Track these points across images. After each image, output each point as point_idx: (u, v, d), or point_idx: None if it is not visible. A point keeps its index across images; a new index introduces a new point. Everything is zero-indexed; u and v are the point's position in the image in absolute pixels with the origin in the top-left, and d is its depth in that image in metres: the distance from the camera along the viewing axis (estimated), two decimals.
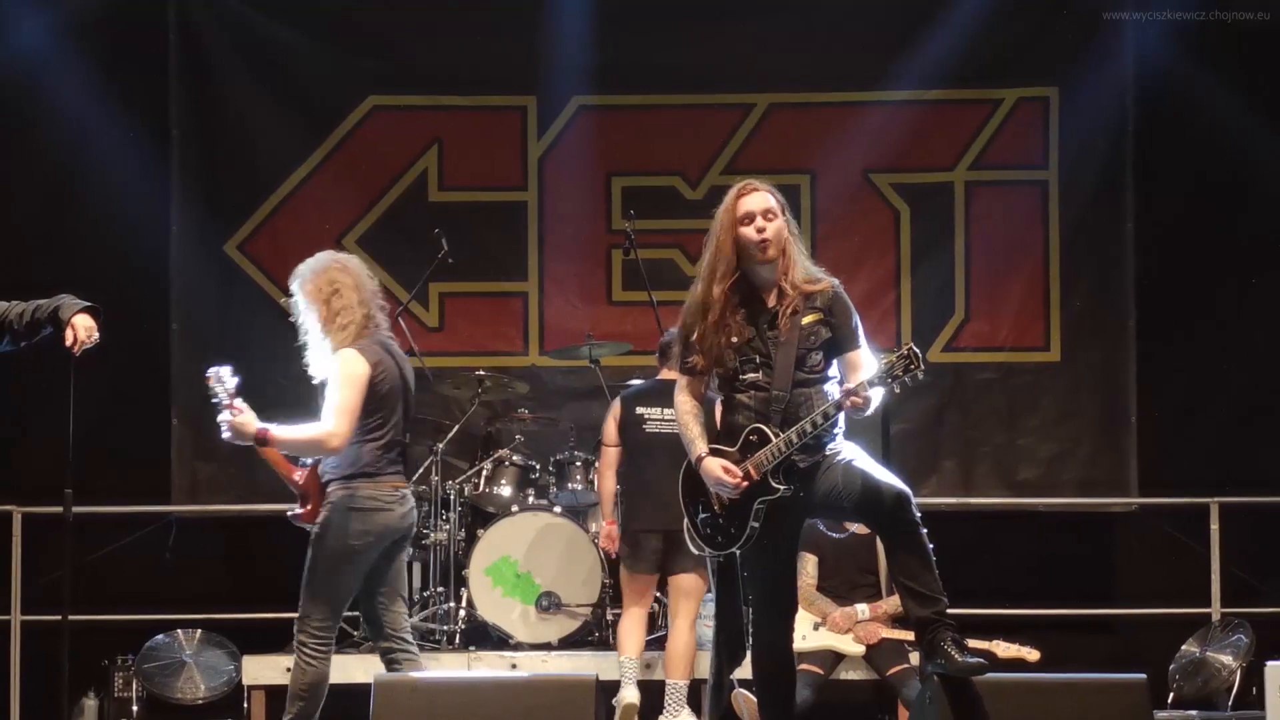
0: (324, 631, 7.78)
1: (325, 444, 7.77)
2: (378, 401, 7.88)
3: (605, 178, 12.17)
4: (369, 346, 7.95)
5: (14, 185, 11.74)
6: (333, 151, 12.19)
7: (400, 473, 7.89)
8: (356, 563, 7.77)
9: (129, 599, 11.18)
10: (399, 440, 7.91)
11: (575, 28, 11.87)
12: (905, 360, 6.88)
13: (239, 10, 12.11)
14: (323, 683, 7.80)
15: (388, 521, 7.78)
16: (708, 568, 9.07)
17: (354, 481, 7.80)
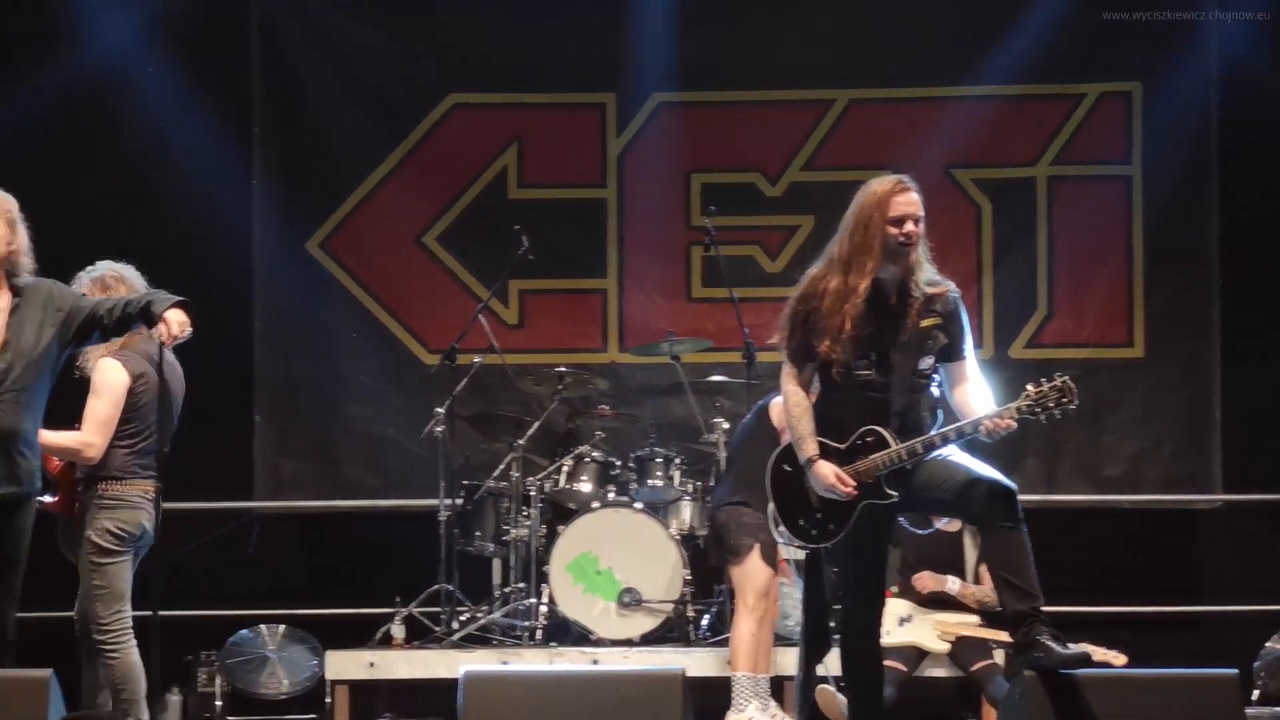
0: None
1: (79, 454, 8.08)
2: (136, 411, 8.20)
3: (685, 174, 12.15)
4: (131, 356, 8.18)
5: (100, 184, 11.80)
6: (413, 149, 12.21)
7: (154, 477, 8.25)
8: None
9: (212, 595, 11.26)
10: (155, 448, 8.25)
11: (655, 24, 11.87)
12: (1058, 393, 6.86)
13: (320, 10, 12.16)
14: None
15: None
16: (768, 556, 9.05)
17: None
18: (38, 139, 11.52)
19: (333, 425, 12.10)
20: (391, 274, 12.20)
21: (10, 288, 7.66)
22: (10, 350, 7.56)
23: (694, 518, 10.47)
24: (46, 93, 11.54)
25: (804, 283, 7.21)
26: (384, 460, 12.01)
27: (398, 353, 12.13)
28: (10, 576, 7.61)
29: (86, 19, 11.67)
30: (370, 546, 11.72)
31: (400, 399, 12.02)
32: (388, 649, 10.31)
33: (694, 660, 9.46)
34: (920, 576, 9.78)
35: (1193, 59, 11.95)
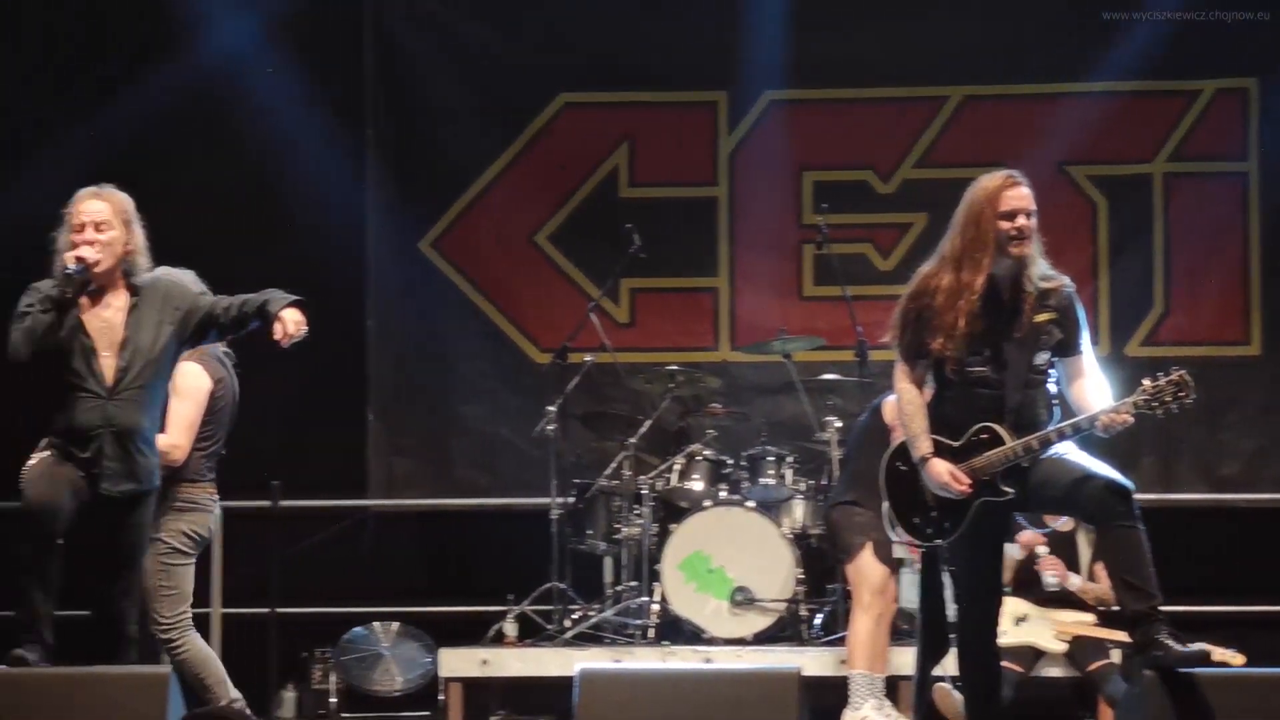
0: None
1: (165, 456, 8.02)
2: (214, 414, 8.26)
3: (796, 172, 12.12)
4: (209, 360, 8.23)
5: (216, 184, 11.89)
6: (525, 149, 12.24)
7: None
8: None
9: (326, 592, 11.31)
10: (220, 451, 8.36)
11: (768, 22, 11.83)
12: (1175, 387, 6.81)
13: (433, 9, 12.21)
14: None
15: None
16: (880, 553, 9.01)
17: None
18: (156, 139, 11.62)
19: (445, 424, 12.15)
20: (503, 273, 12.23)
21: (128, 287, 7.74)
22: (129, 348, 7.64)
23: (806, 517, 10.43)
24: (165, 94, 11.64)
25: (916, 280, 7.19)
26: (496, 459, 12.05)
27: (509, 352, 12.16)
28: (130, 573, 7.68)
29: (205, 21, 11.77)
30: (483, 545, 11.76)
31: (512, 398, 12.05)
32: (500, 647, 10.34)
33: (807, 659, 9.41)
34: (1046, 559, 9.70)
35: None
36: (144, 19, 11.81)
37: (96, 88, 11.79)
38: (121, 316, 7.69)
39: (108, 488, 7.57)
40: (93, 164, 10.46)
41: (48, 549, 7.45)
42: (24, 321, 7.53)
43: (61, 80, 11.93)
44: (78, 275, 7.53)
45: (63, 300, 7.51)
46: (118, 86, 11.72)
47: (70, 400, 7.58)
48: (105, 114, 11.62)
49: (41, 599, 7.43)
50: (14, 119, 11.86)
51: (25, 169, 11.41)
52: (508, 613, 10.52)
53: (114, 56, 11.88)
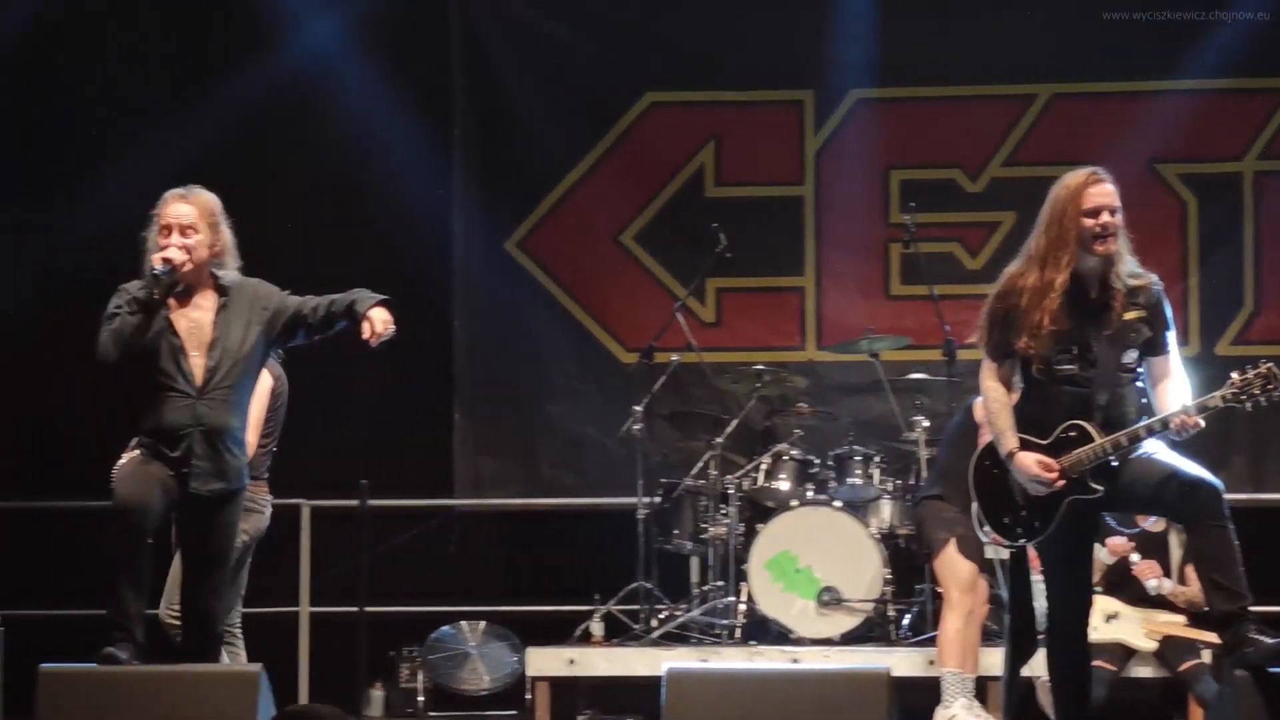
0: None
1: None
2: (273, 413, 8.30)
3: (883, 171, 12.09)
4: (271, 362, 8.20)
5: (303, 184, 11.96)
6: (611, 148, 12.26)
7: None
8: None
9: (413, 591, 11.33)
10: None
11: (854, 20, 11.80)
12: (1264, 380, 6.77)
13: (520, 9, 12.24)
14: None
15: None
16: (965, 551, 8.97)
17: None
18: (245, 139, 11.69)
19: (531, 423, 12.17)
20: (589, 273, 12.25)
21: (216, 287, 7.77)
22: (218, 349, 7.67)
23: (894, 516, 10.39)
24: (253, 94, 11.70)
25: (1002, 280, 7.18)
26: (582, 459, 12.06)
27: (595, 351, 12.18)
28: (218, 571, 7.71)
29: (293, 21, 11.83)
30: (568, 544, 11.77)
31: (598, 397, 12.06)
32: (587, 646, 10.35)
33: (895, 660, 9.38)
34: (1139, 566, 9.64)
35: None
36: (232, 19, 11.89)
37: (185, 88, 11.87)
38: (210, 317, 7.72)
39: (197, 487, 7.61)
40: (181, 164, 10.52)
41: (138, 548, 7.48)
42: (112, 323, 7.58)
43: (151, 80, 12.01)
44: (164, 278, 7.57)
45: (150, 302, 7.55)
46: (206, 86, 11.80)
47: (160, 400, 7.62)
48: (194, 114, 11.69)
49: (132, 598, 7.47)
50: (104, 120, 11.95)
51: (115, 169, 11.49)
52: (594, 612, 10.53)
53: (202, 57, 11.95)
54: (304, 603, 11.42)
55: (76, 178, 11.82)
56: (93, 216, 11.10)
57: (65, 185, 11.87)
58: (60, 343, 10.46)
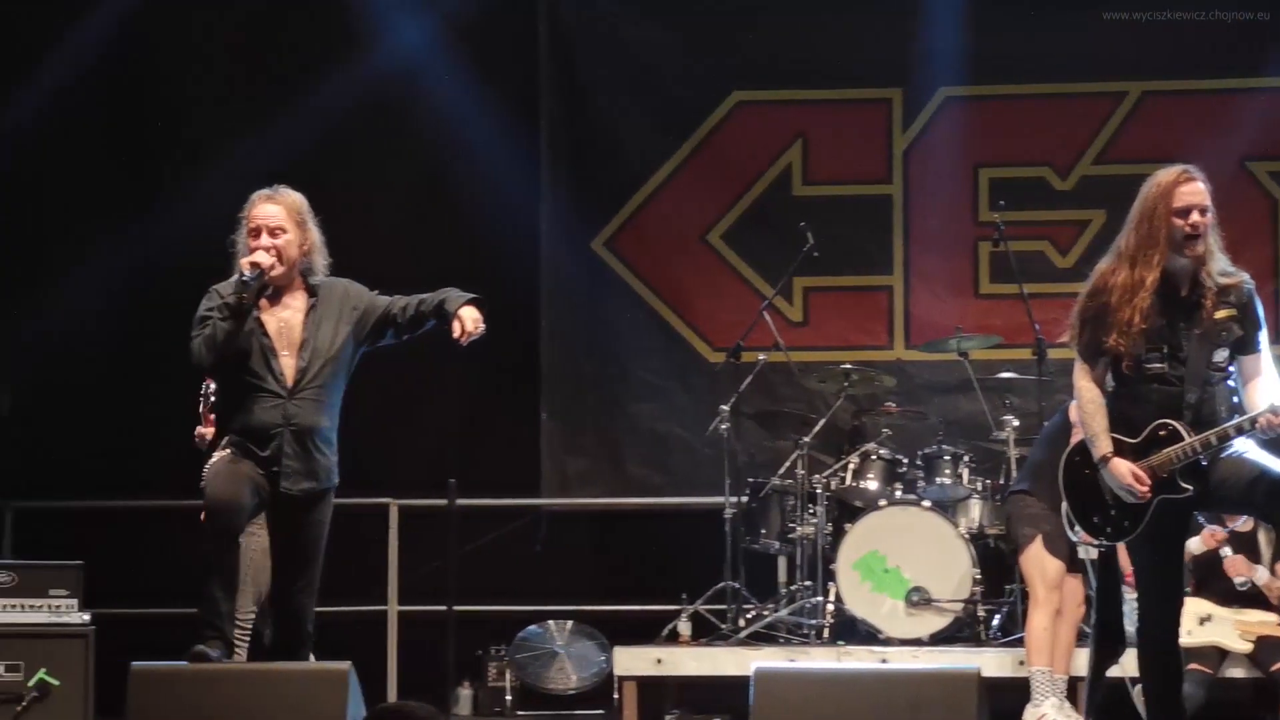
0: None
1: None
2: None
3: (972, 169, 12.02)
4: None
5: (392, 184, 12.01)
6: (697, 148, 12.24)
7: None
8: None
9: (500, 590, 11.35)
10: None
11: (943, 18, 11.74)
12: None
13: (607, 10, 12.24)
14: None
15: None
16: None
17: None
18: (334, 140, 11.73)
19: (618, 423, 12.17)
20: (676, 272, 12.24)
21: (306, 287, 7.81)
22: (308, 349, 7.71)
23: (984, 516, 10.34)
24: (343, 95, 11.75)
25: (1093, 278, 7.15)
26: (669, 458, 12.05)
27: (682, 351, 12.16)
28: (309, 570, 7.75)
29: (383, 23, 11.87)
30: (656, 544, 11.76)
31: (685, 397, 12.05)
32: (675, 645, 10.34)
33: (985, 660, 9.28)
34: (1230, 560, 9.57)
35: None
36: (322, 20, 11.92)
37: (276, 89, 11.93)
38: (300, 317, 7.76)
39: (287, 486, 7.65)
40: (272, 165, 10.57)
41: (229, 546, 7.53)
42: (204, 329, 7.62)
43: (242, 82, 12.09)
44: (253, 283, 7.61)
45: (240, 307, 7.58)
46: (297, 88, 11.85)
47: (250, 400, 7.67)
48: (284, 115, 11.74)
49: (223, 596, 7.52)
50: (194, 121, 12.04)
51: (207, 171, 11.56)
52: (681, 612, 10.52)
53: (293, 58, 12.01)
54: (392, 602, 11.46)
55: (169, 180, 11.91)
56: (185, 218, 11.16)
57: (157, 187, 11.95)
58: (152, 343, 10.56)
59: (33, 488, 11.70)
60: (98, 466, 11.56)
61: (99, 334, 11.60)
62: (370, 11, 11.85)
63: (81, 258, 11.77)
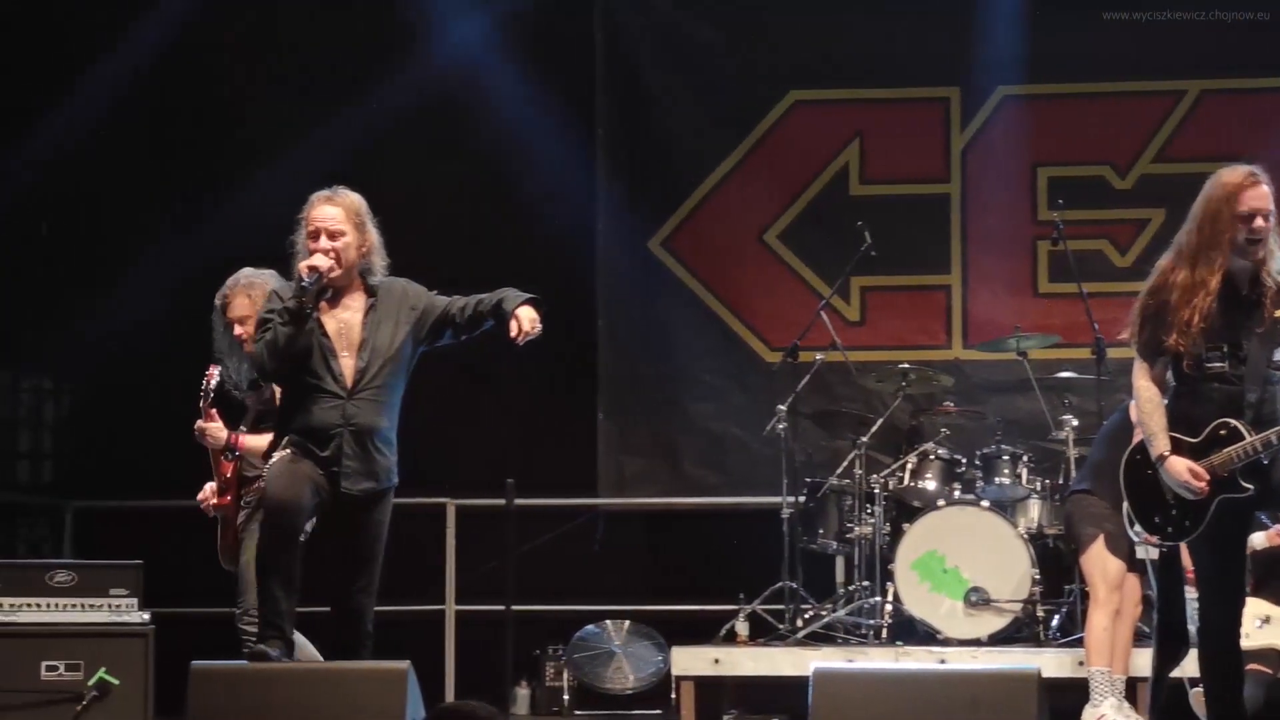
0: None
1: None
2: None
3: (1030, 168, 11.98)
4: None
5: (448, 184, 12.02)
6: (754, 147, 12.24)
7: None
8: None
9: (558, 590, 11.35)
10: None
11: (1000, 16, 11.73)
12: None
13: (663, 10, 12.25)
14: None
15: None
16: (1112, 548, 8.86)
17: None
18: (390, 139, 11.78)
19: (675, 423, 12.17)
20: (733, 272, 12.23)
21: (365, 288, 7.82)
22: (368, 349, 7.73)
23: (1043, 516, 10.30)
24: (400, 95, 11.78)
25: (1153, 276, 7.13)
26: (726, 458, 12.05)
27: (739, 350, 12.16)
28: (369, 569, 7.76)
29: (439, 22, 11.89)
30: (713, 544, 11.75)
31: (742, 397, 12.05)
32: (732, 645, 10.33)
33: (1044, 660, 9.26)
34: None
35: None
36: (379, 20, 11.95)
37: (333, 88, 11.96)
38: (359, 318, 7.78)
39: (347, 487, 7.66)
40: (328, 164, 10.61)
41: (288, 546, 7.55)
42: (266, 334, 7.64)
43: (299, 81, 12.12)
44: (311, 287, 7.62)
45: (300, 312, 7.60)
46: (354, 87, 11.88)
47: (310, 400, 7.69)
48: (341, 115, 11.78)
49: (282, 595, 7.54)
50: (253, 121, 12.08)
51: (266, 171, 11.60)
52: (739, 612, 10.51)
53: (348, 57, 12.04)
54: (450, 601, 11.48)
55: (228, 180, 11.95)
56: (244, 218, 11.20)
57: (216, 188, 12.00)
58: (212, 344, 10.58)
59: (93, 487, 11.78)
60: (157, 466, 11.58)
61: (158, 334, 11.63)
62: (427, 11, 11.88)
63: (141, 258, 11.82)
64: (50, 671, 9.23)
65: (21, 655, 9.42)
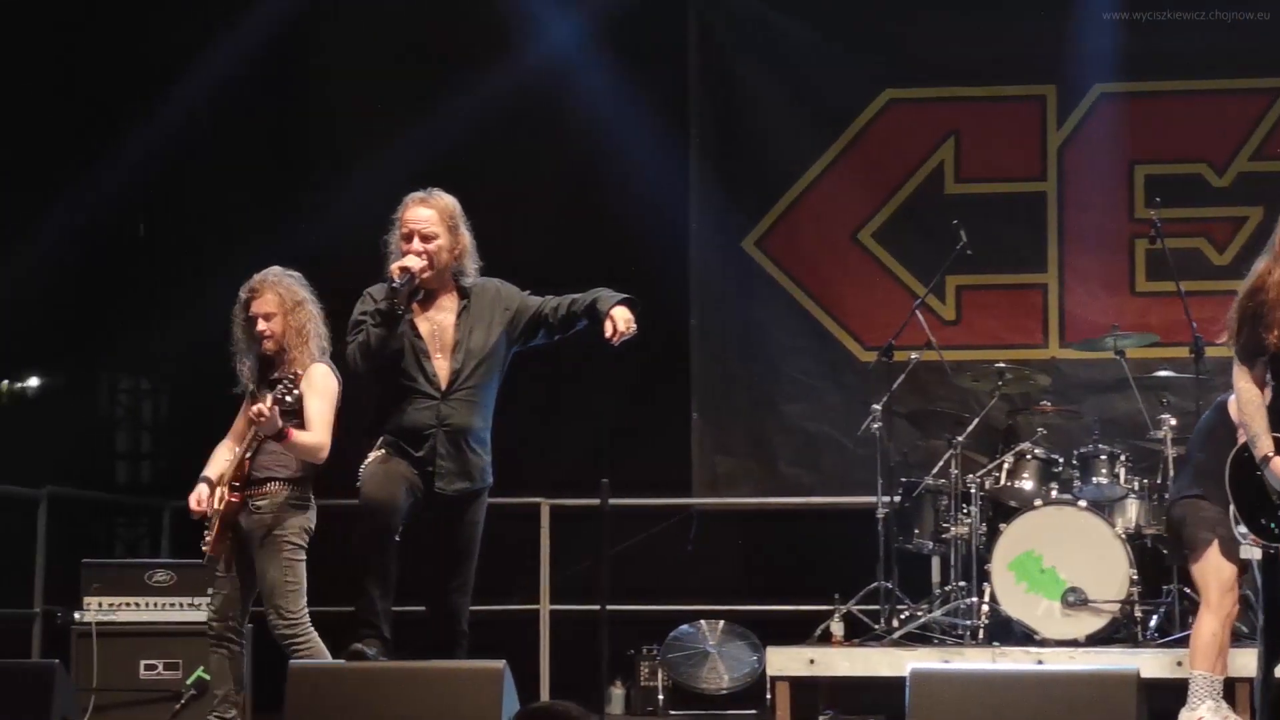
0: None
1: (318, 453, 7.94)
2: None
3: (1127, 166, 11.90)
4: (331, 363, 8.07)
5: (542, 183, 12.05)
6: (848, 146, 12.21)
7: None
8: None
9: (652, 590, 11.35)
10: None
11: (1097, 14, 11.67)
12: None
13: (757, 9, 12.24)
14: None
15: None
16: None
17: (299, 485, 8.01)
18: (483, 140, 11.79)
19: (768, 423, 12.15)
20: (826, 271, 12.21)
21: (458, 289, 7.85)
22: (461, 350, 7.76)
23: (1140, 516, 10.22)
24: (493, 95, 11.81)
25: (1250, 278, 7.09)
26: (820, 457, 12.03)
27: (833, 350, 12.13)
28: (464, 569, 7.80)
29: (533, 22, 11.92)
30: (807, 543, 11.73)
31: (836, 396, 12.02)
32: (828, 646, 10.29)
33: (1143, 661, 9.18)
34: None
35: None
36: (473, 19, 11.97)
37: (426, 88, 12.00)
38: (452, 319, 7.81)
39: (442, 487, 7.70)
40: (423, 165, 10.66)
41: (385, 545, 7.58)
42: (359, 335, 7.67)
43: (393, 81, 12.16)
44: (403, 288, 7.65)
45: (392, 313, 7.64)
46: (447, 86, 11.92)
47: (404, 401, 7.73)
48: (434, 114, 11.82)
49: (379, 595, 7.58)
50: (346, 121, 12.14)
51: (359, 171, 11.66)
52: (834, 612, 10.47)
53: (443, 58, 12.07)
54: (544, 601, 11.50)
55: (321, 180, 12.02)
56: (337, 217, 11.26)
57: (309, 188, 12.07)
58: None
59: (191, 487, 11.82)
60: None
61: None
62: (521, 10, 11.90)
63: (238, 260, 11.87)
64: (149, 670, 9.34)
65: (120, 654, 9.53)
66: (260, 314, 8.09)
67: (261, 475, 8.04)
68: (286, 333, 8.02)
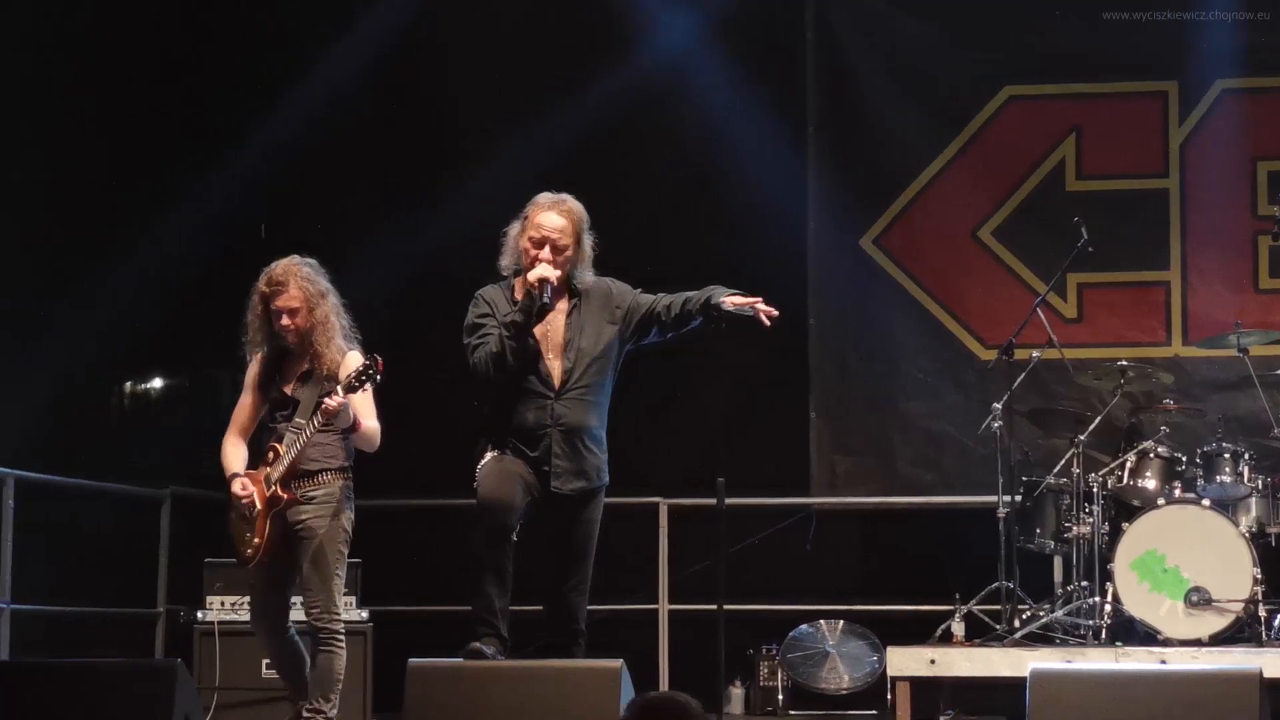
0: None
1: (377, 439, 8.06)
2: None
3: (1250, 162, 11.77)
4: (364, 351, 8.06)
5: (659, 182, 12.05)
6: (968, 144, 12.13)
7: None
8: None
9: (770, 589, 11.34)
10: None
11: (1219, 9, 11.57)
12: None
13: (875, 6, 12.19)
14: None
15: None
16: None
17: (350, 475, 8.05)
18: (600, 139, 11.82)
19: (887, 421, 12.10)
20: (946, 269, 12.14)
21: (568, 290, 7.86)
22: (573, 350, 7.77)
23: (1264, 515, 10.14)
24: (611, 93, 11.84)
25: None
26: (941, 457, 11.96)
27: (953, 348, 12.07)
28: (581, 568, 7.81)
29: (650, 21, 11.93)
30: (927, 543, 11.67)
31: (956, 395, 11.96)
32: (948, 646, 10.24)
33: (1266, 661, 9.06)
34: None
35: None
36: (591, 19, 11.99)
37: (544, 87, 12.03)
38: (562, 319, 7.84)
39: (558, 486, 7.71)
40: (540, 164, 10.71)
41: (502, 545, 7.60)
42: (487, 344, 7.70)
43: (510, 80, 12.18)
44: (550, 303, 7.69)
45: (529, 325, 7.66)
46: (565, 85, 11.94)
47: (518, 401, 7.75)
48: (552, 114, 11.85)
49: (497, 593, 7.60)
50: (462, 123, 12.19)
51: (479, 170, 11.71)
52: (955, 612, 10.41)
53: (561, 58, 12.08)
54: (663, 600, 11.51)
55: (444, 181, 12.06)
56: (460, 219, 11.31)
57: (433, 189, 12.10)
58: (422, 343, 10.70)
59: None
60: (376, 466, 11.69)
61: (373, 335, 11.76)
62: (638, 10, 11.92)
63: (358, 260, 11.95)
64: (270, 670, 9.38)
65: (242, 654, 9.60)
66: (285, 309, 8.06)
67: (313, 468, 8.04)
68: (314, 327, 8.02)
